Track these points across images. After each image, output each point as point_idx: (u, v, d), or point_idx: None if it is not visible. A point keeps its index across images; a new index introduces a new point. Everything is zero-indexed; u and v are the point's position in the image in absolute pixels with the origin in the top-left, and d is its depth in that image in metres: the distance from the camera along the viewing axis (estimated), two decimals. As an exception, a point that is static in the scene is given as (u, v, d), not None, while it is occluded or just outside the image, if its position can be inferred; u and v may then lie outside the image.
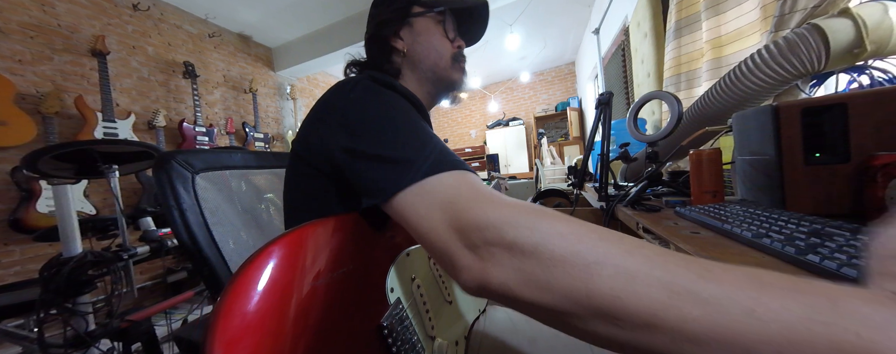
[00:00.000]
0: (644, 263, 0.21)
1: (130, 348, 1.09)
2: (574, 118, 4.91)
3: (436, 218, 0.29)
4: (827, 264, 0.27)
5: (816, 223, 0.37)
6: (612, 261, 0.21)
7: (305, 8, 3.11)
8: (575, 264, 0.22)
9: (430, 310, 0.44)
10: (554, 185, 2.77)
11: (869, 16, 0.66)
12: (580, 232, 0.23)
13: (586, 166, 1.04)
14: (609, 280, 0.21)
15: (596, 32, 2.89)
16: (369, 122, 0.37)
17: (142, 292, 2.31)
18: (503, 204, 0.27)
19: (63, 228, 1.10)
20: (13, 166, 1.87)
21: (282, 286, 0.26)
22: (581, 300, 0.21)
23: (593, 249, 0.22)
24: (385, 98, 0.40)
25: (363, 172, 0.35)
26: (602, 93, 0.89)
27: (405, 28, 0.57)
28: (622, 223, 0.77)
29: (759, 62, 0.76)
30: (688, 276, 0.19)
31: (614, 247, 0.22)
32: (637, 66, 2.15)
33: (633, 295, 0.20)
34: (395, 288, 0.39)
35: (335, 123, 0.39)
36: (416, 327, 0.40)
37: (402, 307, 0.39)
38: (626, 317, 0.20)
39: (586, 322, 0.22)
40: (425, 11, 0.58)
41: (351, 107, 0.39)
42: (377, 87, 0.42)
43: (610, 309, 0.20)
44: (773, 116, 0.50)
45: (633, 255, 0.21)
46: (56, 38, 2.16)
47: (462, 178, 0.31)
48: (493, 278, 0.25)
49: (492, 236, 0.25)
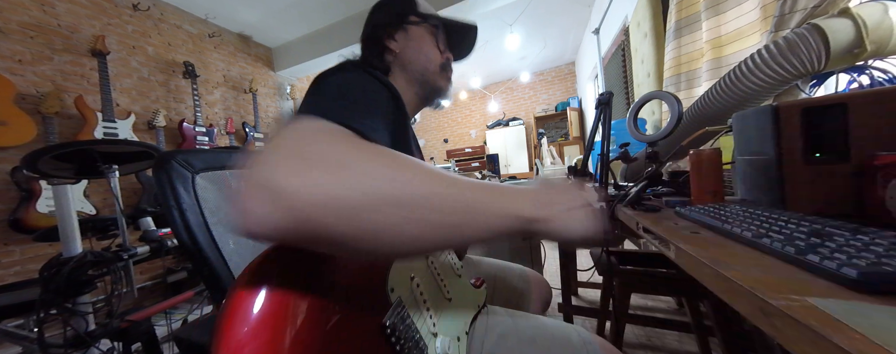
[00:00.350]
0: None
1: (130, 348, 1.09)
2: (574, 118, 4.91)
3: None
4: (827, 264, 0.27)
5: (816, 223, 0.37)
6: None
7: (305, 8, 3.11)
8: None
9: (432, 308, 0.45)
10: (554, 185, 2.76)
11: (869, 16, 0.66)
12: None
13: (586, 166, 1.04)
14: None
15: (596, 32, 2.89)
16: (332, 83, 0.43)
17: (142, 292, 2.31)
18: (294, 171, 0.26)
19: (63, 228, 1.10)
20: (13, 166, 1.87)
21: (283, 292, 0.25)
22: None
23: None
24: (362, 77, 0.46)
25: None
26: (602, 93, 0.89)
27: (400, 32, 0.61)
28: (622, 223, 0.77)
29: (759, 62, 0.76)
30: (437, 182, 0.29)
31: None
32: (637, 66, 2.15)
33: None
34: (396, 288, 0.39)
35: (309, 92, 0.44)
36: (419, 325, 0.40)
37: (403, 307, 0.39)
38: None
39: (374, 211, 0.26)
40: (420, 22, 0.63)
41: (325, 78, 0.45)
42: (361, 71, 0.47)
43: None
44: (773, 116, 0.50)
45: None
46: (56, 38, 2.16)
47: (314, 126, 0.31)
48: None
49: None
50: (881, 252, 0.27)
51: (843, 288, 0.25)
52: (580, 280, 1.76)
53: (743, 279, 0.28)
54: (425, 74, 0.62)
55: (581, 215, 0.35)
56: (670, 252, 0.44)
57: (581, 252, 1.89)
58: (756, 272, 0.29)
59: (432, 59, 0.63)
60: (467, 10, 2.81)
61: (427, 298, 0.45)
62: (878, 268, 0.24)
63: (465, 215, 0.30)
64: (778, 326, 0.23)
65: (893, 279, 0.23)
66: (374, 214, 0.25)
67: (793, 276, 0.28)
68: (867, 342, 0.18)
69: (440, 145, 6.95)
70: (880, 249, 0.28)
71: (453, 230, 0.29)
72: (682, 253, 0.40)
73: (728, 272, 0.30)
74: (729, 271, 0.30)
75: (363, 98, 0.42)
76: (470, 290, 0.61)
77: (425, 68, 0.62)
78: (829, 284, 0.26)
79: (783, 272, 0.29)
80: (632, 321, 1.22)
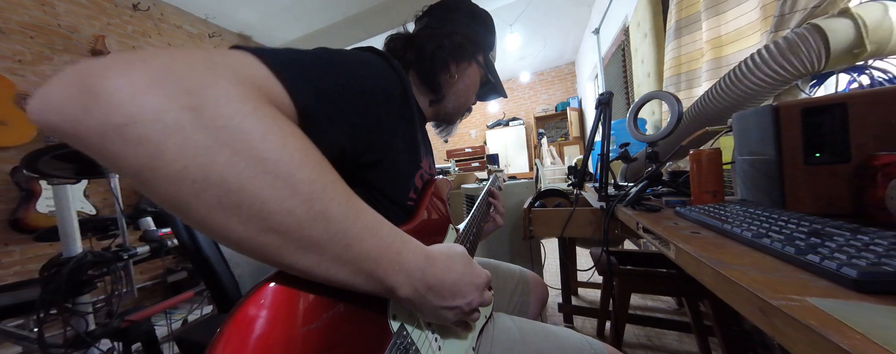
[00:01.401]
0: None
1: (130, 348, 1.09)
2: (574, 118, 4.91)
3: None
4: (827, 264, 0.27)
5: (816, 223, 0.37)
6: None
7: (305, 8, 3.11)
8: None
9: (437, 331, 0.43)
10: (554, 185, 2.76)
11: (869, 16, 0.66)
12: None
13: (586, 166, 1.04)
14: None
15: (596, 32, 2.89)
16: (334, 51, 0.36)
17: (142, 292, 2.31)
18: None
19: (63, 228, 1.10)
20: (13, 166, 1.87)
21: (271, 343, 0.23)
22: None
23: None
24: (375, 60, 0.39)
25: None
26: (602, 93, 0.89)
27: (465, 63, 0.60)
28: (622, 223, 0.77)
29: (759, 62, 0.76)
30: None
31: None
32: (637, 66, 2.15)
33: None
34: (398, 315, 0.37)
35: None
36: (423, 351, 0.39)
37: (405, 334, 0.37)
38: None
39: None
40: (481, 66, 0.64)
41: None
42: (379, 58, 0.40)
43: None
44: (773, 116, 0.50)
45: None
46: (56, 38, 2.16)
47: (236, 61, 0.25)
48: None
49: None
50: (881, 252, 0.27)
51: (843, 288, 0.25)
52: (580, 280, 1.76)
53: (743, 279, 0.28)
54: (456, 107, 0.63)
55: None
56: (670, 252, 0.44)
57: (581, 252, 1.89)
58: (756, 272, 0.29)
59: (469, 99, 0.65)
60: (467, 10, 2.81)
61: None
62: (878, 268, 0.24)
63: (321, 256, 0.25)
64: (778, 326, 0.23)
65: (893, 279, 0.23)
66: (191, 193, 0.20)
67: (793, 276, 0.28)
68: (867, 342, 0.18)
69: (440, 144, 6.94)
70: (880, 249, 0.28)
71: (292, 260, 0.24)
72: (682, 253, 0.40)
73: (728, 272, 0.30)
74: (729, 271, 0.30)
75: (347, 71, 0.34)
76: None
77: (458, 107, 0.63)
78: (829, 284, 0.26)
79: (783, 272, 0.29)
80: (632, 321, 1.22)
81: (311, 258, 0.25)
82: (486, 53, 0.65)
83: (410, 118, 0.43)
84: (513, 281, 0.83)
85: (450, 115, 0.65)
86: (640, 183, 0.77)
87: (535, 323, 0.61)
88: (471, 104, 0.67)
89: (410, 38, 0.59)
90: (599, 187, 0.90)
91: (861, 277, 0.24)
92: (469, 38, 0.60)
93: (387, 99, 0.38)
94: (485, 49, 0.64)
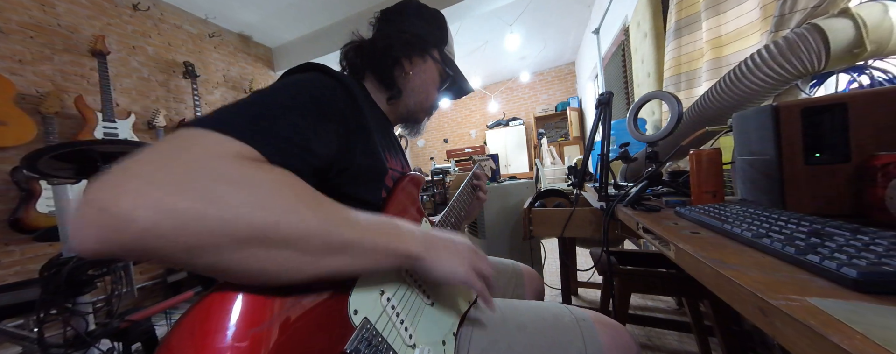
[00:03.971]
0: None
1: (130, 348, 1.10)
2: (574, 118, 4.91)
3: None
4: (827, 264, 0.27)
5: (816, 223, 0.37)
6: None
7: (305, 8, 3.11)
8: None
9: (406, 320, 0.43)
10: (554, 185, 2.76)
11: (869, 16, 0.66)
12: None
13: (586, 166, 1.04)
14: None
15: (596, 32, 2.89)
16: (277, 87, 0.39)
17: (142, 292, 2.31)
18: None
19: (63, 228, 1.10)
20: (13, 166, 1.87)
21: (215, 349, 0.24)
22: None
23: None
24: (318, 80, 0.42)
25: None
26: (602, 93, 0.89)
27: (419, 58, 0.62)
28: (622, 223, 0.77)
29: (759, 62, 0.76)
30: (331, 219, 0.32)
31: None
32: (637, 66, 2.15)
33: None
34: (360, 309, 0.37)
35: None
36: (392, 340, 0.39)
37: (370, 327, 0.37)
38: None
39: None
40: (439, 62, 0.65)
41: (278, 81, 0.43)
42: (320, 73, 0.44)
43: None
44: (773, 116, 0.50)
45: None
46: (56, 38, 2.16)
47: (198, 141, 0.28)
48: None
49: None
50: (881, 252, 0.27)
51: (843, 288, 0.25)
52: (580, 280, 1.76)
53: (743, 279, 0.28)
54: (417, 105, 0.64)
55: (461, 269, 0.43)
56: (670, 252, 0.44)
57: (581, 252, 1.89)
58: (756, 272, 0.29)
59: (430, 96, 0.66)
60: (467, 10, 2.81)
61: (401, 310, 0.43)
62: (878, 268, 0.24)
63: (344, 254, 0.32)
64: (778, 326, 0.23)
65: (893, 279, 0.23)
66: (220, 252, 0.25)
67: (793, 276, 0.28)
68: (867, 342, 0.18)
69: (440, 144, 6.95)
70: (880, 249, 0.28)
71: (330, 266, 0.31)
72: (682, 253, 0.40)
73: (728, 272, 0.30)
74: (729, 271, 0.30)
75: (301, 106, 0.37)
76: (457, 288, 0.58)
77: (419, 104, 0.65)
78: (829, 284, 0.26)
79: (783, 272, 0.29)
80: (632, 321, 1.22)
81: (343, 259, 0.32)
82: (440, 47, 0.65)
83: (363, 123, 0.45)
84: (506, 275, 0.83)
85: (413, 112, 0.66)
86: (640, 183, 0.77)
87: (514, 301, 0.62)
88: (433, 101, 0.68)
89: (362, 43, 0.62)
90: (599, 187, 0.90)
91: (861, 277, 0.24)
92: (417, 34, 0.62)
93: (335, 113, 0.41)
94: (437, 44, 0.65)
